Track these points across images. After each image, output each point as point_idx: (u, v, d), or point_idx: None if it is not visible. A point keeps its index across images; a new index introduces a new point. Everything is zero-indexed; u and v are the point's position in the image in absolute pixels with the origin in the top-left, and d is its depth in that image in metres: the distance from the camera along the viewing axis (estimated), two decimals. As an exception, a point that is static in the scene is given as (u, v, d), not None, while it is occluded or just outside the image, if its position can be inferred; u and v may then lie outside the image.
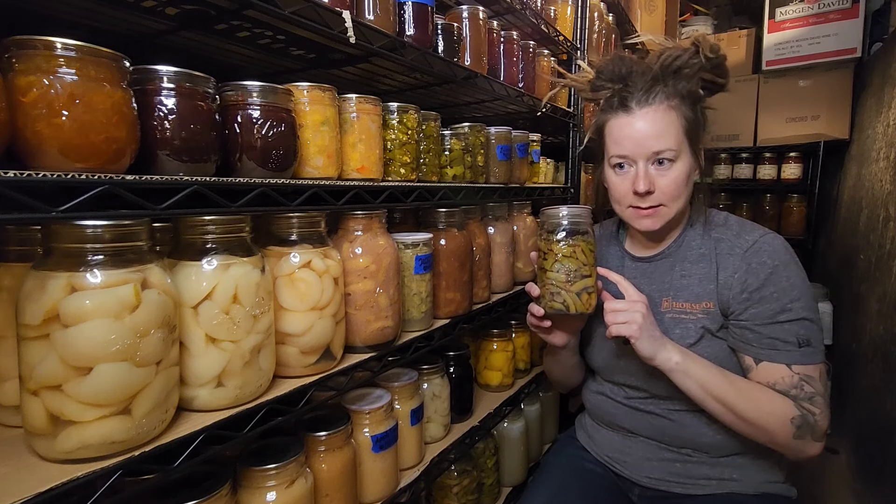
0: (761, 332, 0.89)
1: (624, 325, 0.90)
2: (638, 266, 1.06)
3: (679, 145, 0.92)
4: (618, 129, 0.95)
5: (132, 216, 0.59)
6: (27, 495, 0.50)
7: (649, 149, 0.91)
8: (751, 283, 0.91)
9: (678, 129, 0.92)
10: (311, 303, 0.81)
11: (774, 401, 0.87)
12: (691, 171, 0.95)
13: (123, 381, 0.57)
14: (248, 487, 0.79)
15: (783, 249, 0.92)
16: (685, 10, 3.64)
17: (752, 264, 0.91)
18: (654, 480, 1.01)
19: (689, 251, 1.00)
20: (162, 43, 0.86)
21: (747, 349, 0.91)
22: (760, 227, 0.97)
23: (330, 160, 0.86)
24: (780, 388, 0.88)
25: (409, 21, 0.99)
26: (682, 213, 1.00)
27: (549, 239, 0.93)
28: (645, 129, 0.91)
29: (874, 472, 1.71)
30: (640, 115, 0.92)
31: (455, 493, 1.29)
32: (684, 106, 0.93)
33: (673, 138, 0.91)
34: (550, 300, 0.92)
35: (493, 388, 1.51)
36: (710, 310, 0.95)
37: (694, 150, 0.94)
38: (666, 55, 0.94)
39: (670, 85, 0.93)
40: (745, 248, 0.93)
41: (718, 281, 0.94)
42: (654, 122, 0.91)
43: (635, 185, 0.93)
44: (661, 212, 0.94)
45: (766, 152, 3.13)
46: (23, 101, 0.51)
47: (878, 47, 2.53)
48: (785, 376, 0.88)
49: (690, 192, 0.97)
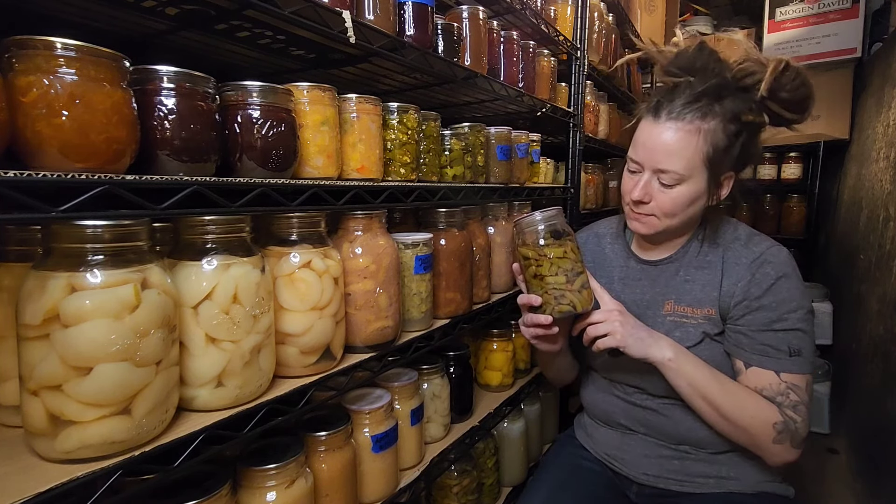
0: (755, 337, 0.91)
1: (608, 338, 0.90)
2: (643, 269, 1.06)
3: (690, 170, 0.88)
4: (640, 133, 0.94)
5: (132, 216, 0.58)
6: (27, 495, 0.50)
7: (656, 163, 0.89)
8: (752, 292, 0.92)
9: (696, 153, 0.87)
10: (311, 303, 0.81)
11: (760, 405, 0.88)
12: (698, 196, 0.91)
13: (123, 381, 0.57)
14: (248, 487, 0.79)
15: (787, 261, 0.93)
16: (685, 10, 3.64)
17: (757, 275, 0.92)
18: (652, 478, 1.02)
19: (696, 258, 1.00)
20: (162, 43, 0.86)
21: (739, 353, 0.92)
22: (768, 239, 0.97)
23: (330, 160, 0.86)
24: (767, 394, 0.89)
25: (409, 21, 0.99)
26: (683, 228, 0.99)
27: (538, 245, 0.92)
28: (660, 142, 0.88)
29: (874, 472, 1.71)
30: (663, 127, 0.88)
31: (455, 493, 1.29)
32: (721, 131, 0.87)
33: (684, 162, 0.87)
34: (557, 305, 0.91)
35: (493, 388, 1.51)
36: (712, 316, 0.95)
37: (713, 179, 0.90)
38: (743, 66, 0.88)
39: (719, 103, 0.87)
40: (752, 259, 0.94)
41: (722, 289, 0.95)
42: (672, 139, 0.87)
43: (632, 192, 0.93)
44: (652, 221, 0.94)
45: (766, 152, 3.13)
46: (23, 101, 0.51)
47: (878, 47, 2.53)
48: (773, 383, 0.89)
49: (694, 214, 0.94)
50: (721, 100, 0.87)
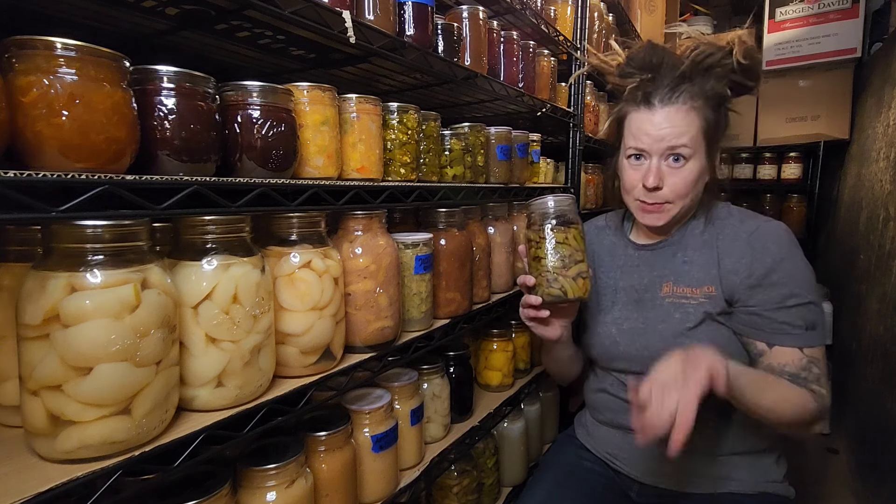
0: (772, 317, 0.91)
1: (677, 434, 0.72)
2: (640, 254, 1.07)
3: (695, 145, 0.93)
4: (637, 124, 0.96)
5: (132, 216, 0.58)
6: (27, 495, 0.50)
7: (665, 144, 0.92)
8: (756, 268, 0.92)
9: (697, 129, 0.93)
10: (311, 303, 0.81)
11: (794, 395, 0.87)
12: (703, 172, 0.95)
13: (123, 381, 0.57)
14: (248, 487, 0.79)
15: (786, 235, 0.94)
16: (685, 10, 3.64)
17: (756, 249, 0.93)
18: (653, 478, 1.01)
19: (692, 239, 1.01)
20: (162, 43, 0.86)
21: (758, 334, 0.93)
22: (762, 216, 0.99)
23: (330, 160, 0.86)
24: (791, 370, 0.89)
25: (409, 21, 0.99)
26: (689, 210, 1.00)
27: (542, 227, 0.94)
28: (664, 126, 0.92)
29: (874, 472, 1.71)
30: (663, 112, 0.93)
31: (455, 493, 1.29)
32: (707, 107, 0.94)
33: (690, 138, 0.92)
34: (548, 287, 0.92)
35: (493, 388, 1.51)
36: (712, 294, 0.95)
37: (709, 152, 0.95)
38: (699, 51, 0.94)
39: (697, 84, 0.93)
40: (749, 233, 0.95)
41: (722, 266, 0.95)
42: (675, 121, 0.92)
43: (645, 179, 0.94)
44: (667, 209, 0.96)
45: (766, 152, 3.14)
46: (23, 101, 0.51)
47: (878, 47, 2.53)
48: (796, 359, 0.90)
49: (699, 192, 0.98)
50: (694, 81, 0.94)
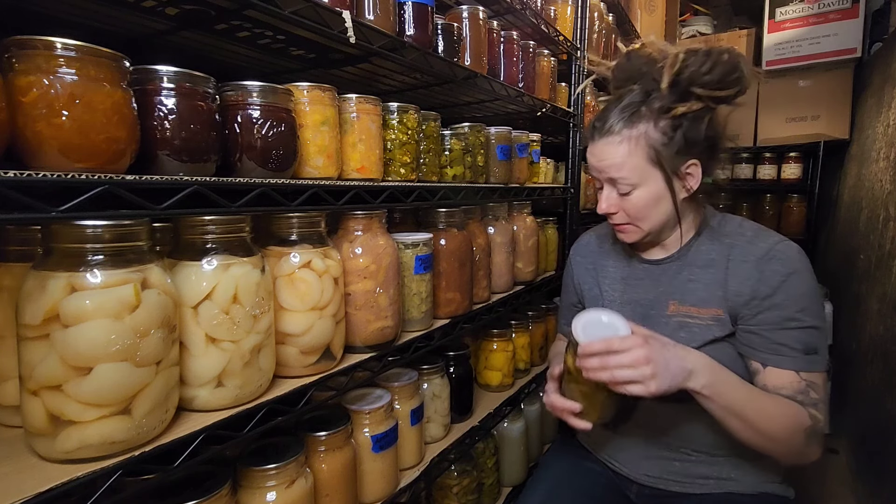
0: (769, 336, 0.89)
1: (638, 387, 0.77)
2: (646, 268, 1.05)
3: (638, 174, 0.90)
4: (588, 155, 0.97)
5: (132, 216, 0.58)
6: (27, 495, 0.50)
7: (606, 176, 0.93)
8: (762, 290, 0.89)
9: (637, 158, 0.89)
10: (311, 303, 0.81)
11: (791, 412, 0.85)
12: (661, 194, 0.92)
13: (123, 381, 0.57)
14: (248, 487, 0.79)
15: (797, 257, 0.90)
16: (685, 10, 3.64)
17: (765, 273, 0.90)
18: (652, 479, 1.01)
19: (698, 256, 0.98)
20: (162, 43, 0.86)
21: (753, 353, 0.90)
22: (776, 234, 0.95)
23: (330, 160, 0.86)
24: (786, 392, 0.87)
25: (409, 21, 0.99)
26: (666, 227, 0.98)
27: None
28: (603, 158, 0.92)
29: (874, 472, 1.71)
30: (600, 144, 0.92)
31: (455, 494, 1.29)
32: (654, 130, 0.89)
33: (631, 168, 0.90)
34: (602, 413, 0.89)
35: (493, 388, 1.51)
36: (720, 317, 0.93)
37: (671, 172, 0.91)
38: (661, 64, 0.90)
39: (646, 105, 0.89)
40: (759, 256, 0.91)
41: (729, 288, 0.93)
42: (609, 154, 0.91)
43: (598, 206, 0.97)
44: (631, 229, 0.96)
45: (766, 152, 3.13)
46: (23, 101, 0.51)
47: (878, 47, 2.53)
48: (793, 381, 0.87)
49: (669, 210, 0.94)
50: (648, 102, 0.90)
